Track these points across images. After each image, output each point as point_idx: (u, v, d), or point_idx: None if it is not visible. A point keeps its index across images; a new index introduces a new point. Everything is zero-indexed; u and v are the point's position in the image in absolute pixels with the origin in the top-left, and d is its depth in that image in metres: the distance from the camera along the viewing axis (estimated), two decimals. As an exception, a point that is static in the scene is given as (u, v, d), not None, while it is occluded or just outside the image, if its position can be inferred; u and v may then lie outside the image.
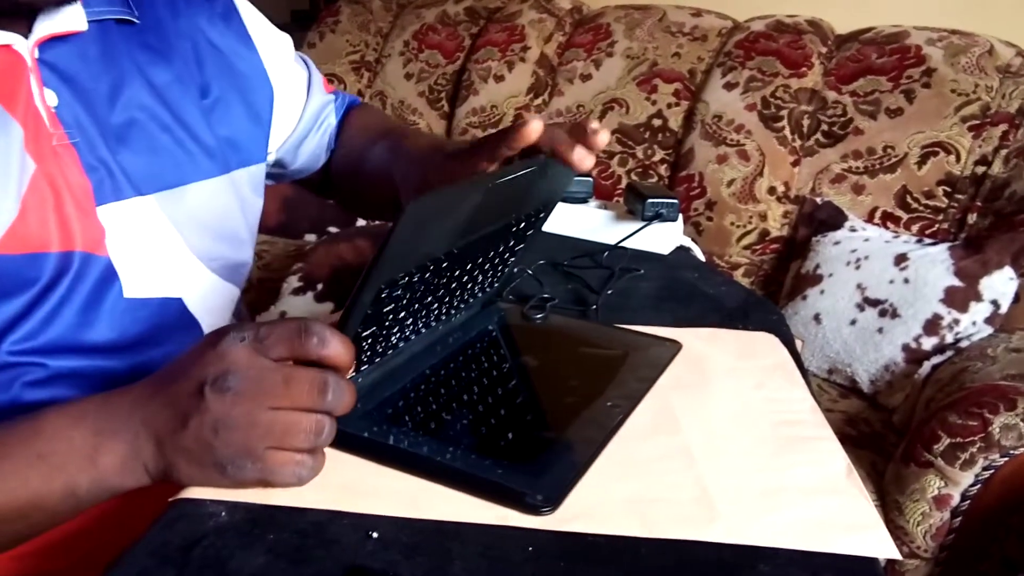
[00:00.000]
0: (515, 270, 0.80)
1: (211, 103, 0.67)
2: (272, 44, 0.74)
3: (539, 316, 0.71)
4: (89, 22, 0.58)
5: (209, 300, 0.66)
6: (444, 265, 0.55)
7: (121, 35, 0.62)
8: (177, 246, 0.63)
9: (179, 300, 0.64)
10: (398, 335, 0.57)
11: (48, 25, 0.56)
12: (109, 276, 0.58)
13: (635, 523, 0.46)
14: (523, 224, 0.64)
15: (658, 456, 0.52)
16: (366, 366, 0.56)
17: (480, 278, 0.65)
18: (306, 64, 0.81)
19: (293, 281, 1.69)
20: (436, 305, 0.60)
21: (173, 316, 0.64)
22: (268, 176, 0.79)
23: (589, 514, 0.46)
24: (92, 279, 0.57)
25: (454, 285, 0.61)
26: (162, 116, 0.63)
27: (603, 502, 0.47)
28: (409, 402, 0.56)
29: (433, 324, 0.63)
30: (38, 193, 0.54)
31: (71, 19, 0.57)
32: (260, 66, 0.72)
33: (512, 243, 0.66)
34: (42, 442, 0.47)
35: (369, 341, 0.53)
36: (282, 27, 0.77)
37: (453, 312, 0.66)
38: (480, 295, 0.69)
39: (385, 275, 0.48)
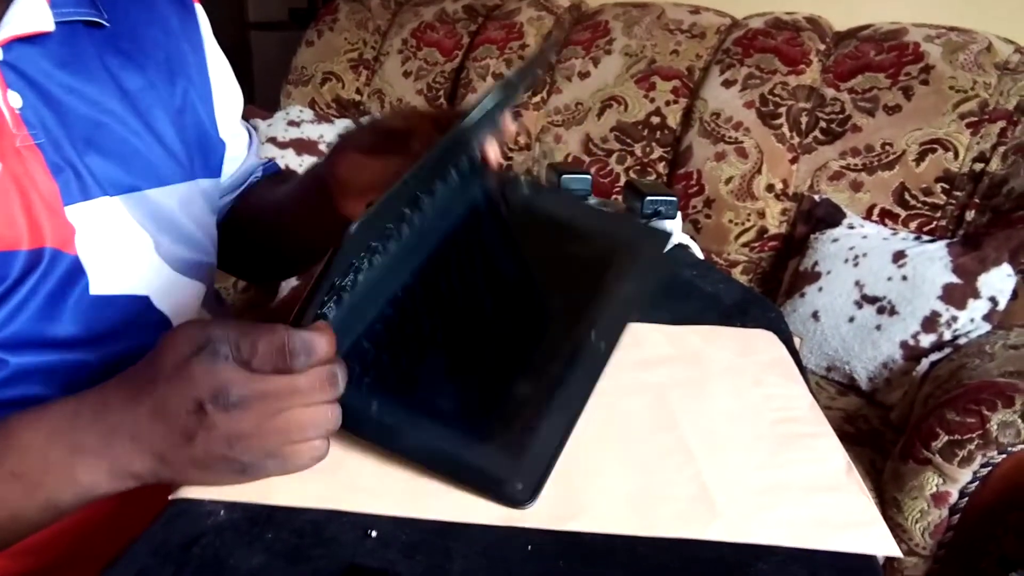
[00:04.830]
0: (513, 176, 0.76)
1: (180, 109, 0.67)
2: (227, 100, 0.74)
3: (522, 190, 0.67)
4: (56, 23, 0.57)
5: (175, 297, 0.66)
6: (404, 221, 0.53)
7: (90, 38, 0.60)
8: (144, 246, 0.62)
9: (146, 298, 0.63)
10: (367, 266, 0.52)
11: (12, 27, 0.54)
12: (76, 273, 0.58)
13: (634, 522, 0.45)
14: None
15: (657, 454, 0.52)
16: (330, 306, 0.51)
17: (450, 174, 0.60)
18: (249, 130, 0.81)
19: (292, 278, 1.69)
20: (404, 223, 0.55)
21: (140, 312, 0.63)
22: None
23: (588, 513, 0.46)
24: (58, 275, 0.56)
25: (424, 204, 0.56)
26: (131, 121, 0.62)
27: (602, 501, 0.47)
28: (379, 344, 0.52)
29: (407, 232, 0.57)
30: (4, 194, 0.53)
31: (37, 19, 0.55)
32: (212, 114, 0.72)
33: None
34: (15, 459, 0.45)
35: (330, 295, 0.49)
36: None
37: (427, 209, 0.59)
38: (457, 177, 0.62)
39: (333, 278, 0.46)
